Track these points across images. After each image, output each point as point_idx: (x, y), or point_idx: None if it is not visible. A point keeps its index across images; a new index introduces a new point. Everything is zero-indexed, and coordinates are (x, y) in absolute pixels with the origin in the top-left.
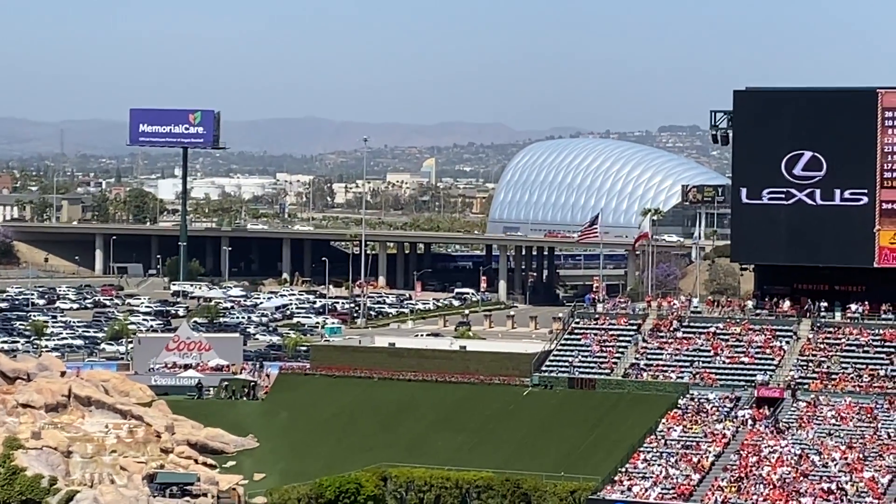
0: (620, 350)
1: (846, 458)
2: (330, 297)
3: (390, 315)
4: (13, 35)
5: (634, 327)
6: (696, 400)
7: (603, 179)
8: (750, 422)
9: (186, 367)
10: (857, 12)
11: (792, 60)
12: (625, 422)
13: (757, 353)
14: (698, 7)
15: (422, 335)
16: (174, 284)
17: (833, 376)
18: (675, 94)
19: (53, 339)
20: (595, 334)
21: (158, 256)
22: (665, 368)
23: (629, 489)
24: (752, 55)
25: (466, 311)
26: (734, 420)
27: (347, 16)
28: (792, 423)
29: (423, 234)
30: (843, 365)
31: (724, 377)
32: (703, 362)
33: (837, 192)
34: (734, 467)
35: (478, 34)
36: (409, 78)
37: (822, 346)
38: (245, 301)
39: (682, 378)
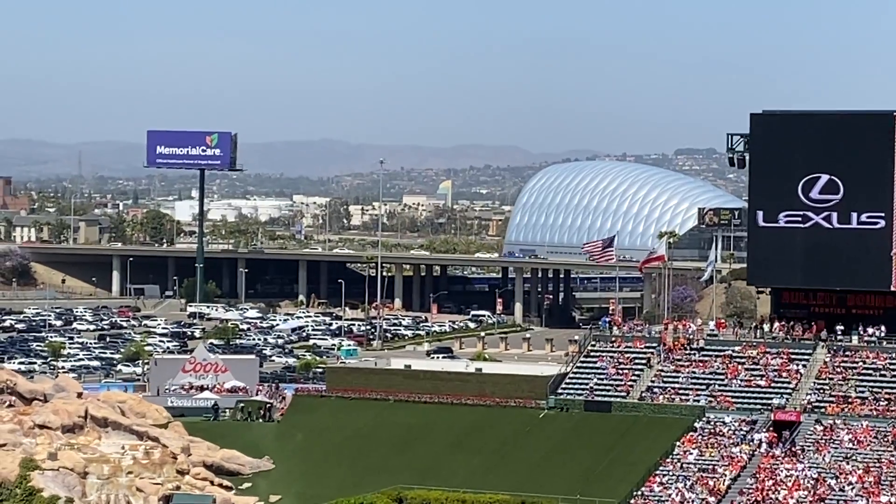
0: (637, 373)
1: (863, 483)
2: (346, 319)
3: (406, 337)
4: (31, 57)
5: (651, 350)
6: (712, 423)
7: (619, 202)
8: (766, 445)
9: (202, 388)
10: (874, 35)
11: (809, 83)
12: (641, 445)
13: (773, 376)
14: (715, 30)
15: (437, 357)
16: (190, 306)
17: (850, 400)
18: (692, 117)
19: (70, 361)
20: (611, 357)
21: (175, 278)
22: (681, 391)
23: None
24: (769, 78)
25: (482, 334)
26: (750, 443)
27: (363, 39)
28: (808, 446)
29: (439, 257)
30: (860, 388)
31: (740, 400)
32: (720, 385)
33: (854, 215)
34: (750, 491)
35: (494, 57)
36: (425, 100)
37: (839, 369)
38: (261, 323)
39: (698, 401)
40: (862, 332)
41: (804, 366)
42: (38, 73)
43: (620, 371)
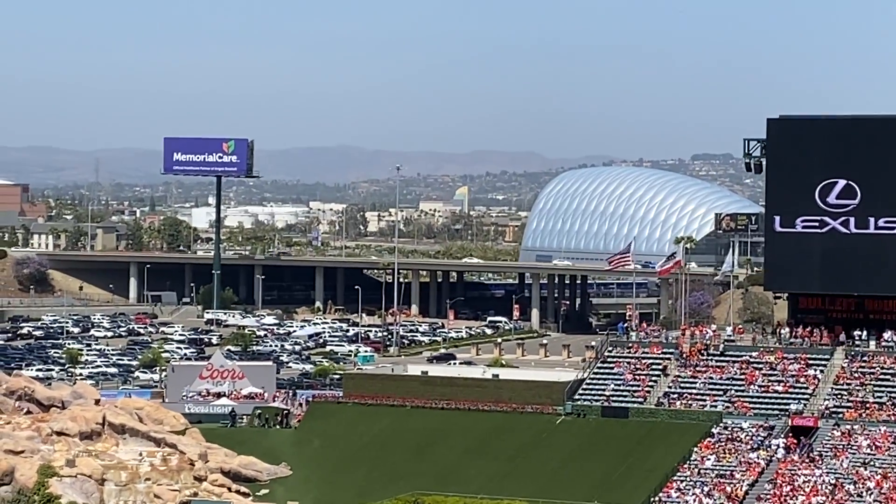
0: (653, 379)
1: (881, 488)
2: (363, 326)
3: (423, 343)
4: (48, 65)
5: (668, 356)
6: (729, 429)
7: (636, 208)
8: (784, 451)
9: (220, 395)
10: (892, 40)
11: (826, 88)
12: (658, 450)
13: (791, 381)
14: (732, 35)
15: (453, 363)
16: (208, 312)
17: (868, 405)
18: (709, 123)
19: (88, 367)
20: (628, 363)
21: (192, 285)
22: (698, 397)
23: None
24: (786, 83)
25: (499, 340)
26: (768, 449)
27: (380, 45)
28: (826, 452)
29: (455, 263)
30: (878, 394)
31: (757, 406)
32: (737, 391)
33: (872, 220)
34: (768, 497)
35: (510, 62)
36: (441, 106)
37: (856, 374)
38: (278, 329)
39: (715, 407)
40: (879, 337)
41: (822, 371)
42: (55, 80)
43: (637, 377)
